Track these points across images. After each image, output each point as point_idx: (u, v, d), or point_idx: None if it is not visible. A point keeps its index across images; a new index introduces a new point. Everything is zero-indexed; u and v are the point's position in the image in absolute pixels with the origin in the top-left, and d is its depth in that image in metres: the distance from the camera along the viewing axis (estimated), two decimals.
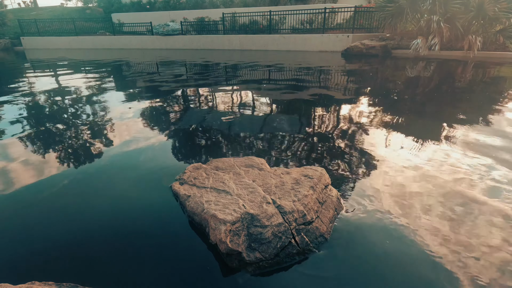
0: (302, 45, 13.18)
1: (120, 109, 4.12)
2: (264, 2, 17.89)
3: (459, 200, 1.86)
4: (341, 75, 7.03)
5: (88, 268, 1.38)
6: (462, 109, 4.06)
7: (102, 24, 19.08)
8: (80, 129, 3.34)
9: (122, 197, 1.96)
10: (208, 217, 1.49)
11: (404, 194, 1.93)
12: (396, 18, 10.94)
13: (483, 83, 5.81)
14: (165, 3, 20.34)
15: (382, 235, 1.57)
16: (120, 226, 1.68)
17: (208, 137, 3.06)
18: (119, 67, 9.23)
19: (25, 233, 1.63)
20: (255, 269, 1.35)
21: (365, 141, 2.85)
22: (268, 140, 2.93)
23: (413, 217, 1.69)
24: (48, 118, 3.79)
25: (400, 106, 4.26)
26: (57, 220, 1.73)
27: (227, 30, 15.32)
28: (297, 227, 1.50)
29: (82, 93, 5.29)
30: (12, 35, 19.65)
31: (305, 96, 4.75)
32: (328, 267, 1.38)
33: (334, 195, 1.82)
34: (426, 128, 3.23)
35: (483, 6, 9.20)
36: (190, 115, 3.81)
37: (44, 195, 2.00)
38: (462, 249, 1.46)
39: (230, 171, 1.98)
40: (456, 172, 2.19)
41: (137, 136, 3.08)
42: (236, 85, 5.85)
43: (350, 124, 3.37)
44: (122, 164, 2.45)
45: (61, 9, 25.58)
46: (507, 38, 9.42)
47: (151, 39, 16.53)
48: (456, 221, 1.66)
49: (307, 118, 3.64)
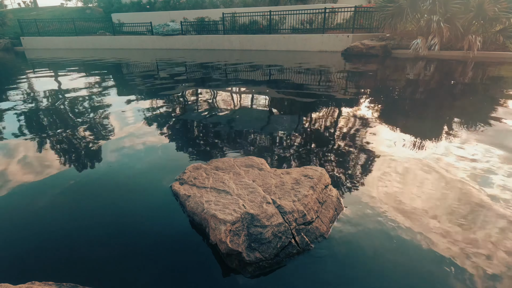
0: (302, 45, 13.18)
1: (119, 109, 4.12)
2: (264, 2, 17.89)
3: (464, 201, 1.86)
4: (341, 75, 7.03)
5: (88, 268, 1.38)
6: (462, 109, 4.06)
7: (102, 24, 19.08)
8: (79, 129, 3.34)
9: (122, 197, 1.96)
10: (208, 217, 1.49)
11: (405, 194, 1.93)
12: (396, 18, 10.93)
13: (483, 83, 5.81)
14: (165, 3, 20.34)
15: (382, 235, 1.57)
16: (120, 226, 1.68)
17: (208, 137, 3.06)
18: (118, 67, 9.23)
19: (25, 233, 1.63)
20: (255, 269, 1.35)
21: (365, 141, 2.85)
22: (268, 140, 2.93)
23: (414, 217, 1.69)
24: (47, 118, 3.79)
25: (400, 106, 4.26)
26: (57, 220, 1.73)
27: (227, 30, 15.32)
28: (297, 227, 1.50)
29: (81, 93, 5.29)
30: (12, 35, 19.64)
31: (305, 96, 4.75)
32: (328, 267, 1.38)
33: (334, 195, 1.82)
34: (426, 128, 3.23)
35: (483, 6, 9.20)
36: (190, 115, 3.81)
37: (44, 195, 2.00)
38: (462, 249, 1.46)
39: (230, 171, 1.98)
40: (460, 172, 2.19)
41: (137, 136, 3.08)
42: (236, 85, 5.85)
43: (350, 124, 3.37)
44: (122, 164, 2.45)
45: (61, 9, 25.59)
46: (507, 38, 9.42)
47: (151, 39, 16.53)
48: (458, 222, 1.66)
49: (307, 118, 3.64)
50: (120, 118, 3.71)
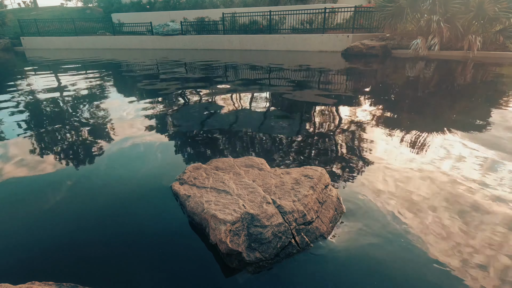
0: (302, 45, 13.18)
1: (119, 109, 4.12)
2: (264, 2, 17.90)
3: (463, 202, 1.86)
4: (341, 75, 7.03)
5: (88, 268, 1.38)
6: (462, 109, 4.06)
7: (102, 24, 19.07)
8: (79, 129, 3.34)
9: (122, 197, 1.96)
10: (208, 217, 1.49)
11: (405, 194, 1.93)
12: (396, 18, 10.94)
13: (483, 83, 5.81)
14: (165, 3, 20.34)
15: (383, 235, 1.57)
16: (120, 226, 1.68)
17: (208, 137, 3.06)
18: (118, 66, 9.23)
19: (25, 233, 1.63)
20: (255, 269, 1.35)
21: (365, 141, 2.85)
22: (268, 140, 2.93)
23: (414, 218, 1.69)
24: (47, 118, 3.79)
25: (400, 106, 4.26)
26: (57, 220, 1.73)
27: (227, 30, 15.32)
28: (297, 227, 1.50)
29: (81, 92, 5.29)
30: (12, 35, 19.64)
31: (305, 96, 4.75)
32: (328, 267, 1.38)
33: (334, 195, 1.82)
34: (426, 129, 3.23)
35: (483, 6, 9.20)
36: (190, 115, 3.81)
37: (43, 194, 2.00)
38: (462, 250, 1.46)
39: (230, 171, 1.98)
40: (459, 172, 2.19)
41: (137, 136, 3.08)
42: (236, 85, 5.85)
43: (350, 124, 3.37)
44: (122, 164, 2.45)
45: (61, 9, 25.58)
46: (507, 38, 9.42)
47: (151, 39, 16.53)
48: (460, 224, 1.66)
49: (307, 118, 3.64)
50: (120, 118, 3.70)
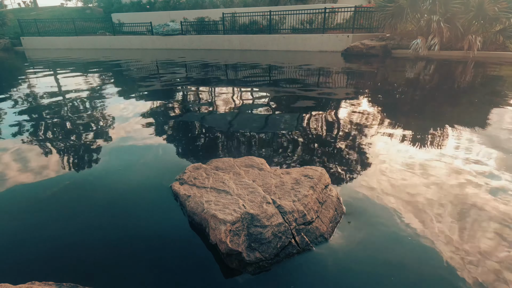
0: (302, 45, 13.18)
1: (119, 109, 4.12)
2: (264, 2, 17.89)
3: (465, 203, 1.86)
4: (341, 75, 7.03)
5: (88, 268, 1.38)
6: (462, 109, 4.06)
7: (102, 24, 19.07)
8: (78, 129, 3.34)
9: (122, 197, 1.96)
10: (208, 217, 1.49)
11: (405, 194, 1.93)
12: (396, 18, 10.93)
13: (483, 83, 5.81)
14: (165, 3, 20.33)
15: (383, 235, 1.57)
16: (119, 226, 1.67)
17: (208, 137, 3.06)
18: (118, 66, 9.23)
19: (25, 233, 1.63)
20: (255, 269, 1.35)
21: (365, 141, 2.85)
22: (268, 140, 2.93)
23: (414, 218, 1.69)
24: (47, 118, 3.78)
25: (400, 107, 4.26)
26: (57, 220, 1.73)
27: (227, 30, 15.32)
28: (297, 227, 1.50)
29: (81, 92, 5.28)
30: (12, 35, 19.64)
31: (305, 96, 4.75)
32: (329, 267, 1.38)
33: (334, 195, 1.82)
34: (426, 129, 3.23)
35: (483, 6, 9.20)
36: (190, 115, 3.81)
37: (43, 195, 2.00)
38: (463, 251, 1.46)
39: (230, 171, 1.98)
40: (460, 174, 2.19)
41: (137, 136, 3.08)
42: (236, 85, 5.85)
43: (350, 124, 3.36)
44: (121, 164, 2.44)
45: (61, 9, 25.58)
46: (507, 38, 9.42)
47: (151, 39, 16.53)
48: (461, 224, 1.66)
49: (307, 118, 3.64)
50: (120, 118, 3.70)
